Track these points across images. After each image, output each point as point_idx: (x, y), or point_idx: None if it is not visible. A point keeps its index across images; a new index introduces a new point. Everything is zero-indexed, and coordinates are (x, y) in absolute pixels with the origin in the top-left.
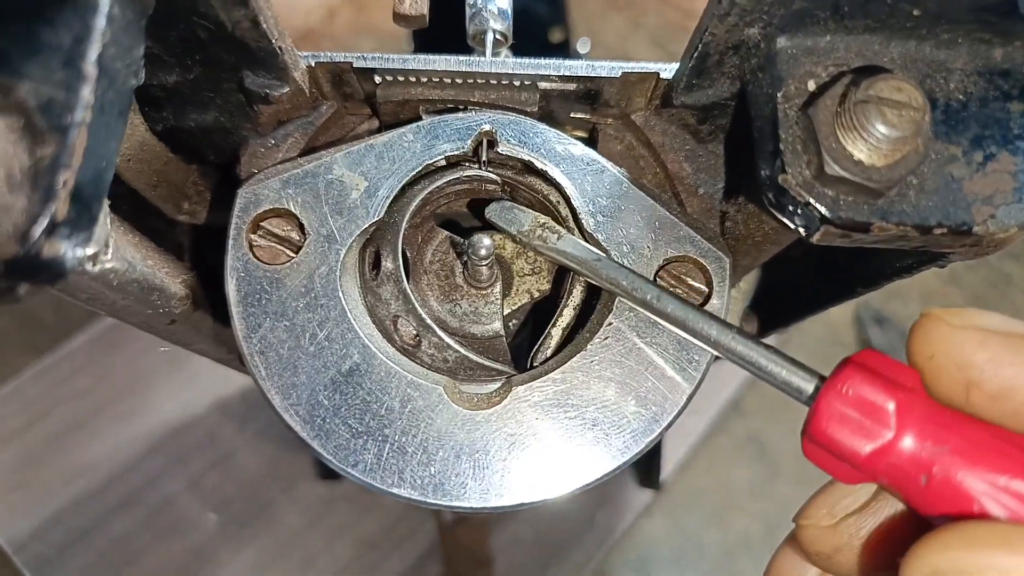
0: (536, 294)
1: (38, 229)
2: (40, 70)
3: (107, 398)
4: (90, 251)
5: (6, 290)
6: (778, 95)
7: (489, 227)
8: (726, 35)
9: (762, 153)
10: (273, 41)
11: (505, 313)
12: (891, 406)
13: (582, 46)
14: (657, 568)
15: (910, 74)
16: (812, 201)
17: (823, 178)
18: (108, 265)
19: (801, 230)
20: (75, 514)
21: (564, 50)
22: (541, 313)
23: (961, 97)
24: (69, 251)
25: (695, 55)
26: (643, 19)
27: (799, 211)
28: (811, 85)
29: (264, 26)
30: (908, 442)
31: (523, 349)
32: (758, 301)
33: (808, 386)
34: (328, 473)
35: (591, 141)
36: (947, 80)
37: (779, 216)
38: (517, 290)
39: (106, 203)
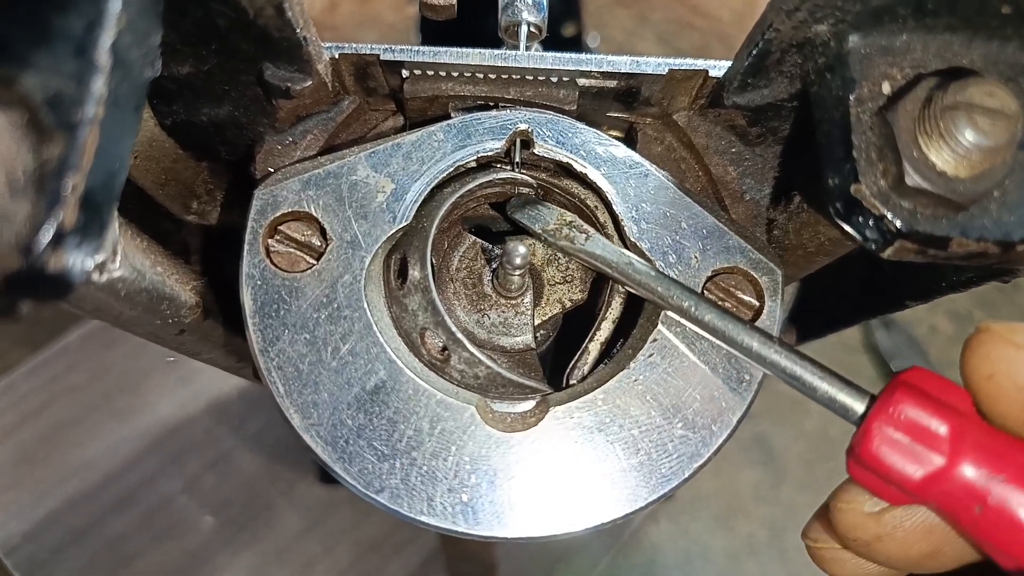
0: (568, 304)
1: (43, 240)
2: (48, 59)
3: (103, 395)
4: (99, 260)
5: (7, 307)
6: (850, 97)
7: (514, 227)
8: (792, 32)
9: (830, 160)
10: (298, 30)
11: (536, 324)
12: (944, 431)
13: (591, 40)
14: (663, 573)
15: (993, 77)
16: (888, 214)
17: (901, 189)
18: (116, 274)
19: (873, 244)
20: (70, 515)
21: (577, 44)
22: (572, 326)
23: None
24: (77, 263)
25: (754, 52)
26: (650, 15)
27: (871, 223)
28: (886, 88)
29: (289, 14)
30: (962, 470)
31: (547, 360)
32: (797, 312)
33: (858, 406)
34: (328, 476)
35: (629, 141)
36: None
37: (847, 228)
38: (548, 299)
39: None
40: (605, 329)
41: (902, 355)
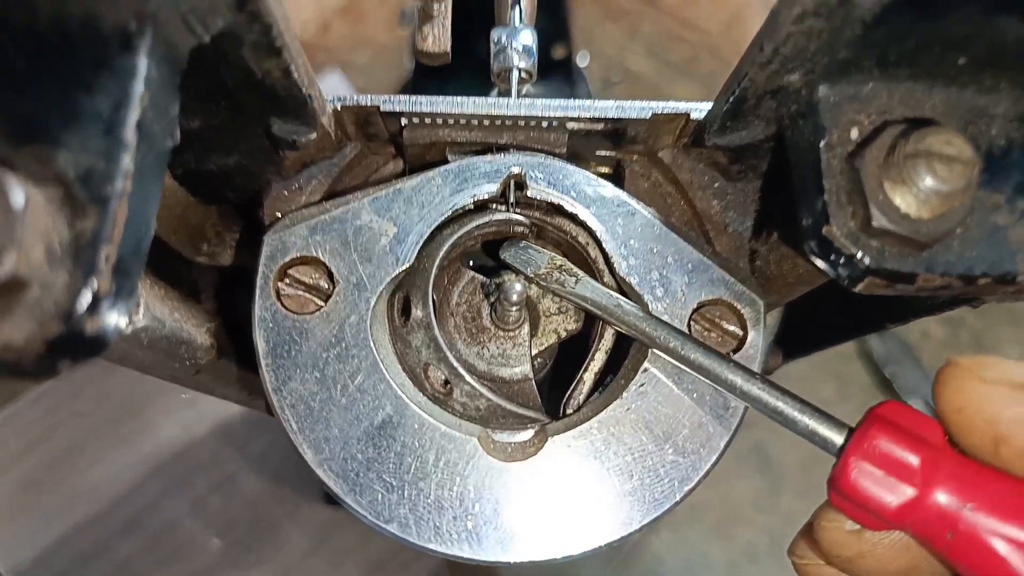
0: (563, 333)
1: (81, 306)
2: (79, 139)
3: (107, 421)
4: (130, 319)
5: (47, 368)
6: (821, 144)
7: (502, 269)
8: (766, 81)
9: (804, 201)
10: (304, 89)
11: (532, 353)
12: (916, 462)
13: (581, 59)
14: None
15: (953, 121)
16: (857, 253)
17: (869, 230)
18: (140, 324)
19: (845, 280)
20: (77, 539)
21: (567, 65)
22: (568, 352)
23: (1003, 143)
24: (111, 323)
25: (731, 98)
26: (639, 28)
27: (843, 261)
28: (854, 133)
29: (295, 75)
30: (934, 499)
31: (544, 388)
32: (782, 334)
33: (836, 438)
34: (333, 497)
35: (616, 177)
36: (989, 126)
37: (821, 264)
38: (544, 330)
39: None
40: (598, 360)
41: (896, 361)
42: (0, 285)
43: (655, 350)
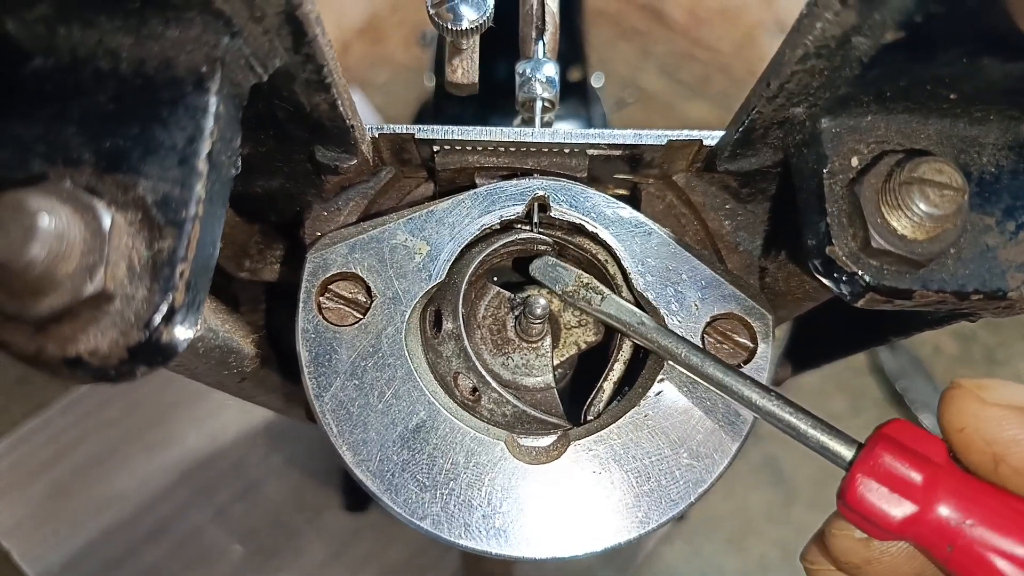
0: (583, 345)
1: (159, 317)
2: (157, 168)
3: (134, 429)
4: (198, 330)
5: (127, 372)
6: (824, 171)
7: (533, 281)
8: (773, 113)
9: (808, 224)
10: (347, 120)
11: (554, 364)
12: (919, 479)
13: (596, 80)
14: None
15: (946, 150)
16: (858, 271)
17: (868, 250)
18: (198, 334)
19: (847, 296)
20: (105, 546)
21: (582, 87)
22: (587, 362)
23: (993, 170)
24: (182, 334)
25: (741, 128)
26: (652, 48)
27: (845, 279)
28: (855, 162)
29: (340, 108)
30: (934, 514)
31: (565, 395)
32: (791, 348)
33: (846, 452)
34: (353, 505)
35: (634, 199)
36: (980, 154)
37: (825, 282)
38: (565, 342)
39: None
40: (617, 369)
41: (907, 375)
42: (89, 298)
43: (674, 364)
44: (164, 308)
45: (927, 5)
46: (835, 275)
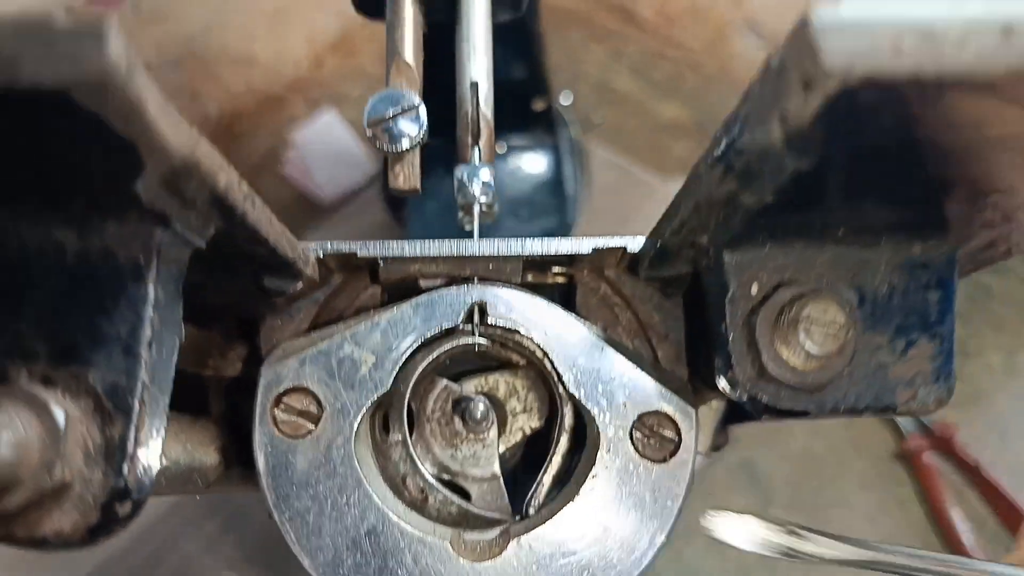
0: (528, 431)
1: (115, 498)
2: (104, 358)
3: None
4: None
5: (89, 543)
6: (725, 299)
7: (474, 371)
8: (680, 241)
9: (715, 343)
10: (288, 256)
11: (501, 451)
12: None
13: (564, 98)
14: None
15: (840, 274)
16: (757, 395)
17: (765, 377)
18: (157, 470)
19: (752, 412)
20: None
21: (548, 114)
22: (534, 445)
23: (886, 289)
24: (139, 500)
25: (655, 249)
26: (624, 48)
27: (746, 399)
28: (754, 289)
29: (280, 251)
30: None
31: (509, 482)
32: (728, 414)
33: None
34: None
35: (570, 287)
36: (873, 276)
37: (732, 397)
38: (511, 428)
39: None
40: (556, 463)
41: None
42: (50, 490)
43: (603, 450)
44: (119, 488)
45: (800, 178)
46: (738, 393)
